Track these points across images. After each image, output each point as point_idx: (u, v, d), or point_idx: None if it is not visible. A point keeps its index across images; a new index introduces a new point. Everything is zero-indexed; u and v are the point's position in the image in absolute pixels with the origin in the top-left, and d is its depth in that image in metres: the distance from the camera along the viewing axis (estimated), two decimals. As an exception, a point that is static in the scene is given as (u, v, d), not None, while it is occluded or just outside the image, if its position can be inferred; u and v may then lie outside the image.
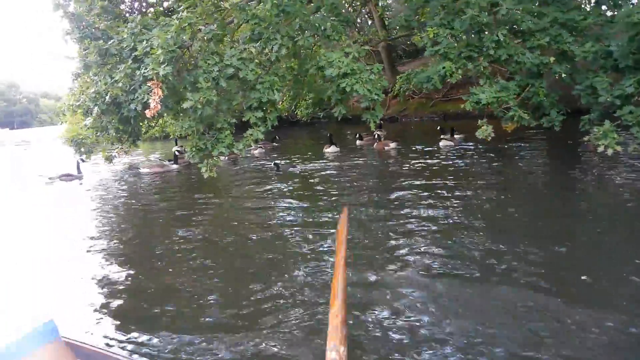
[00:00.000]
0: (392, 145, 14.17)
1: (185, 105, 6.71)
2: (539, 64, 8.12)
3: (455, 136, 14.05)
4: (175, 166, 14.60)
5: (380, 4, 21.77)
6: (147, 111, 6.68)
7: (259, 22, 7.84)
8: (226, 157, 11.62)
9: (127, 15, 10.79)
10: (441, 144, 13.72)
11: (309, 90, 15.77)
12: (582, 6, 8.77)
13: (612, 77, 7.91)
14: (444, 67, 8.17)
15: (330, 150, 14.43)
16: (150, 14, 11.11)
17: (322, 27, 8.13)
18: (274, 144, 18.66)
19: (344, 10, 8.36)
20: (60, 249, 7.54)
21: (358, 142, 16.94)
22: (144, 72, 6.89)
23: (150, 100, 6.63)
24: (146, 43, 7.04)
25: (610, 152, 6.66)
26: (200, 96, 6.71)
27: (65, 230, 8.70)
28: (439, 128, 15.97)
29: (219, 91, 7.08)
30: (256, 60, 7.71)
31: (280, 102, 7.61)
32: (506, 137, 11.95)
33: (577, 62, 8.58)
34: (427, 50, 8.53)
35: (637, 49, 7.16)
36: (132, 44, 7.30)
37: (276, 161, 12.92)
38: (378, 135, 14.87)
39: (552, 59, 8.24)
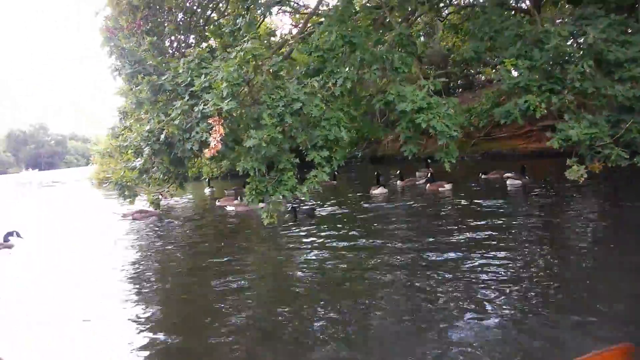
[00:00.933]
0: (447, 187, 13.30)
1: (248, 143, 6.01)
2: (631, 98, 7.29)
3: (525, 175, 13.17)
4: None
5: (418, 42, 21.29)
6: (206, 151, 6.00)
7: (322, 55, 7.23)
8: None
9: (168, 55, 10.37)
10: (508, 182, 12.90)
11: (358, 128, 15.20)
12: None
13: None
14: (526, 101, 7.38)
15: (378, 191, 13.62)
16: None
17: (390, 59, 7.46)
18: (334, 182, 17.89)
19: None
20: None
21: (399, 182, 16.13)
22: (203, 109, 6.26)
23: (210, 139, 5.95)
24: (204, 77, 6.45)
25: None
26: (264, 133, 6.02)
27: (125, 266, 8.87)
28: (480, 174, 15.19)
29: (283, 128, 6.39)
30: (319, 95, 7.03)
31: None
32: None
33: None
34: (506, 83, 7.77)
35: None
36: (189, 79, 6.72)
37: (294, 205, 12.16)
38: (430, 175, 14.05)
39: (645, 91, 7.41)
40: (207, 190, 21.00)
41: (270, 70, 6.49)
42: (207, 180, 21.64)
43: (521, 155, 19.43)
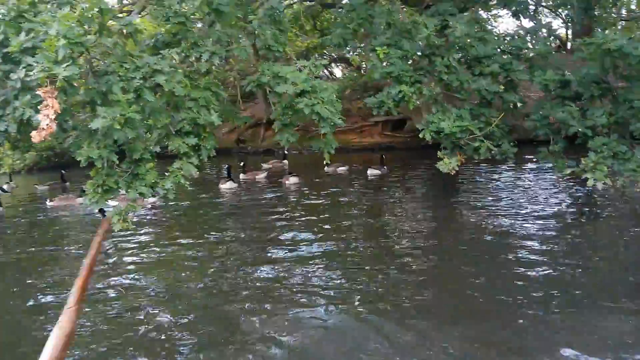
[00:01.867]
0: (293, 180, 12.86)
1: (96, 124, 4.58)
2: (495, 92, 7.57)
3: (384, 166, 13.67)
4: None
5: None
6: (34, 133, 4.40)
7: (184, 22, 5.99)
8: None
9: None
10: (368, 172, 13.33)
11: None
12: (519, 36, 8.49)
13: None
14: (400, 91, 7.13)
15: (227, 186, 12.53)
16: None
17: (262, 36, 6.56)
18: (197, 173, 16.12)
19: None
20: None
21: (242, 176, 15.25)
22: (26, 76, 4.59)
23: (39, 117, 4.37)
24: (27, 35, 4.76)
25: (600, 186, 6.12)
26: (117, 112, 4.64)
27: None
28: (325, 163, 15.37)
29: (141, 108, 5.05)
30: (180, 71, 5.79)
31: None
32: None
33: (520, 92, 8.25)
34: (378, 72, 7.45)
35: (599, 78, 6.92)
36: (1, 36, 4.93)
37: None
38: (288, 171, 13.64)
39: (501, 87, 7.77)
40: (6, 186, 17.25)
41: (124, 31, 5.06)
42: (9, 174, 17.89)
43: (355, 149, 20.02)
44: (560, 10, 13.97)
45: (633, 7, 22.29)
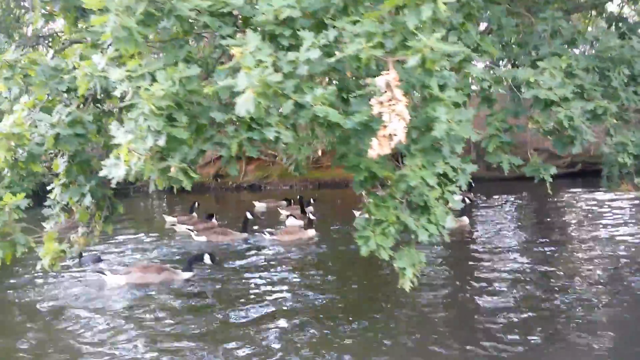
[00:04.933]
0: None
1: (439, 131, 3.05)
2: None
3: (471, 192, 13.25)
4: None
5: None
6: (375, 144, 2.82)
7: None
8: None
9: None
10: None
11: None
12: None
13: None
14: (597, 106, 6.12)
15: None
16: None
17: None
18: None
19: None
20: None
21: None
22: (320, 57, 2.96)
23: (384, 116, 2.79)
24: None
25: None
26: (462, 115, 3.15)
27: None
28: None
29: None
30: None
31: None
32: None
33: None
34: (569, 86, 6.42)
35: None
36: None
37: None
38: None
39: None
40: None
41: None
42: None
43: (346, 185, 18.63)
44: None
45: None
